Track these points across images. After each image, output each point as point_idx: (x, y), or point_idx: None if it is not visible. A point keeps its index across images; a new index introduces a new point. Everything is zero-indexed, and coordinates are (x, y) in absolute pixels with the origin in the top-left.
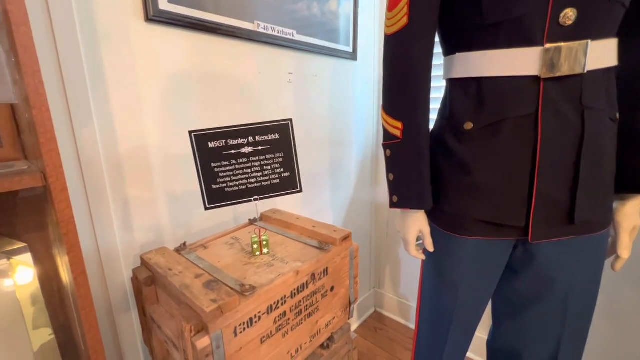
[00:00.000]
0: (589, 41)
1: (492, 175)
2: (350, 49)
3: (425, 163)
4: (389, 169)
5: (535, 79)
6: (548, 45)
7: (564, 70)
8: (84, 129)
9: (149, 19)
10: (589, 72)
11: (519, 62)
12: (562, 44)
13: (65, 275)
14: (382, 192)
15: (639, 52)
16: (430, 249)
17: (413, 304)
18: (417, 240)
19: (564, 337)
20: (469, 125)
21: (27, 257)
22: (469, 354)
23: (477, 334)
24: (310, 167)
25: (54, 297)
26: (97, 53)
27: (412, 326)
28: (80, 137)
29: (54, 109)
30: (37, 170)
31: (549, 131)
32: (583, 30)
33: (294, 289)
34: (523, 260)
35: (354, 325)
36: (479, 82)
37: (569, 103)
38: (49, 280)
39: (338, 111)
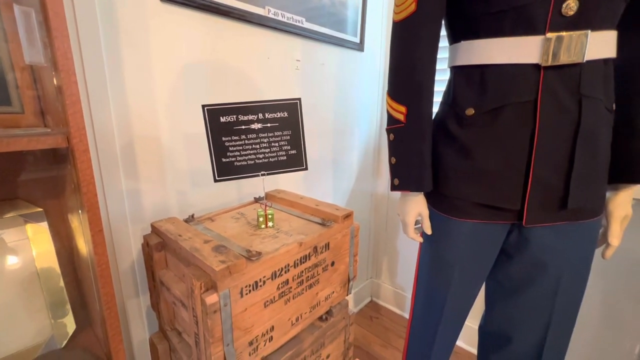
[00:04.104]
0: (589, 31)
1: (491, 160)
2: (357, 40)
3: (426, 147)
4: (392, 153)
5: (536, 66)
6: (549, 34)
7: (564, 59)
8: (100, 104)
9: None
10: (587, 62)
11: (521, 50)
12: (563, 34)
13: (80, 237)
14: (383, 184)
15: (637, 44)
16: (428, 231)
17: (408, 294)
18: (416, 223)
19: (552, 322)
20: (470, 111)
21: (44, 224)
22: (460, 343)
23: (467, 323)
24: (313, 155)
25: (69, 261)
26: (115, 29)
27: (407, 316)
28: (95, 110)
29: None
30: (60, 132)
31: (546, 118)
32: (584, 21)
33: (297, 259)
34: (517, 244)
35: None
36: (482, 70)
37: (568, 91)
38: (63, 245)
39: (343, 101)
